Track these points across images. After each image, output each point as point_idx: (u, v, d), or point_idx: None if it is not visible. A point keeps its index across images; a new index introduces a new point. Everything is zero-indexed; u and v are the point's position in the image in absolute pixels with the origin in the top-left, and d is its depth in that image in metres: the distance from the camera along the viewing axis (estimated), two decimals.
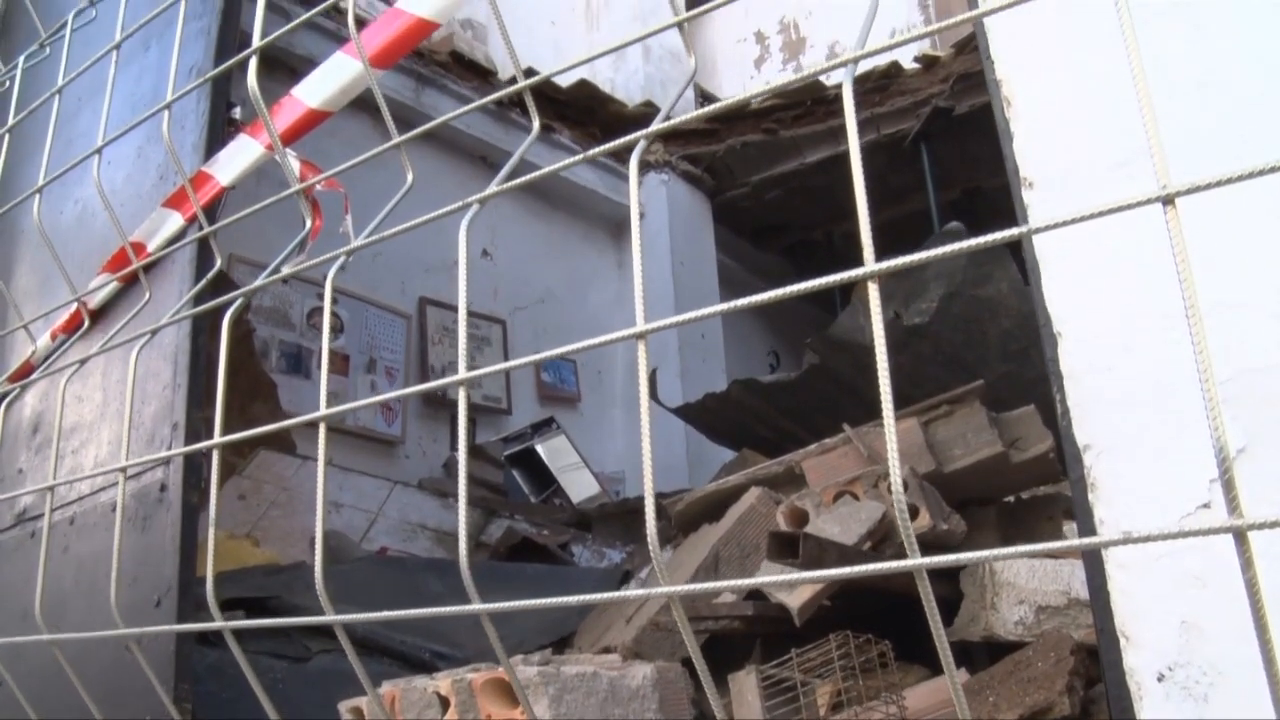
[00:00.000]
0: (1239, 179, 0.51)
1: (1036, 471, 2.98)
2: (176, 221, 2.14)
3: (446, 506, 4.99)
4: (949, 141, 6.84)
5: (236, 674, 0.97)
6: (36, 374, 2.22)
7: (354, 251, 0.98)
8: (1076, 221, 0.57)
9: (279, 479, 4.46)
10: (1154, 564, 1.08)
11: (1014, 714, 1.95)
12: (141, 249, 2.15)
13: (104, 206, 1.50)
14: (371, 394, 5.66)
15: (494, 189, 0.90)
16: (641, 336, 0.72)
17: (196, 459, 2.02)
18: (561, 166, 0.93)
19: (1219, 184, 0.53)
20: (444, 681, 2.00)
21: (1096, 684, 2.03)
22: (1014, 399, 3.05)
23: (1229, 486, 0.51)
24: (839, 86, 0.69)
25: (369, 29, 1.76)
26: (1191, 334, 0.52)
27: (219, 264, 1.33)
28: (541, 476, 5.94)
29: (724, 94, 9.00)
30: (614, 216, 7.63)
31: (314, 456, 4.28)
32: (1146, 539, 0.54)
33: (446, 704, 1.98)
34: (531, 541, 4.66)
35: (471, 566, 0.80)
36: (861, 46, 0.71)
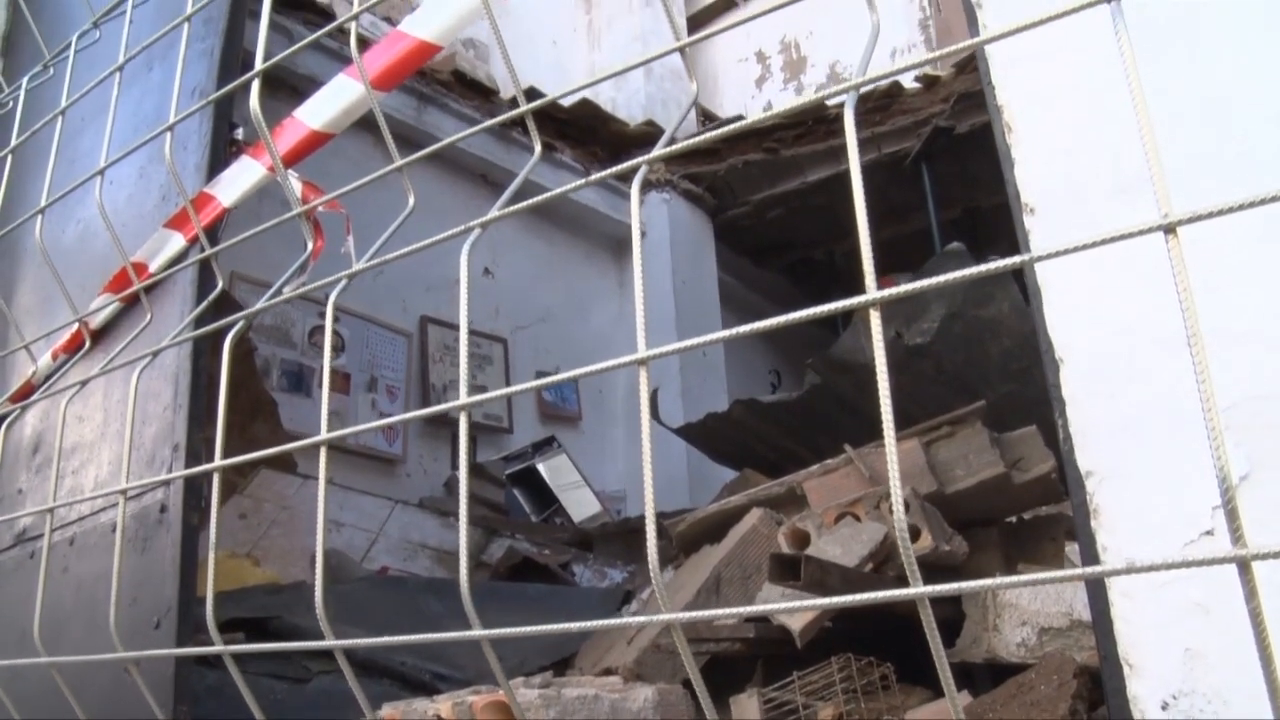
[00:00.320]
0: (1241, 208, 0.51)
1: (1038, 492, 2.97)
2: (178, 242, 2.15)
3: (447, 526, 4.98)
4: (950, 161, 6.85)
5: (236, 695, 0.96)
6: (37, 395, 2.22)
7: (356, 275, 0.98)
8: (1078, 250, 0.57)
9: (280, 498, 4.45)
10: (1157, 591, 1.08)
11: None
12: (143, 269, 2.15)
13: (106, 227, 1.51)
14: (372, 412, 5.68)
15: (495, 213, 0.90)
16: (643, 363, 0.73)
17: (197, 480, 2.02)
18: (565, 191, 0.93)
19: (1221, 213, 0.53)
20: (444, 704, 1.99)
21: (1099, 707, 2.02)
22: (1015, 419, 3.04)
23: (1232, 516, 0.51)
24: (840, 106, 0.69)
25: (371, 51, 1.76)
26: (1194, 361, 0.52)
27: (220, 285, 1.33)
28: (542, 495, 5.94)
29: (725, 113, 9.03)
30: (615, 235, 7.65)
31: (315, 475, 4.27)
32: (1149, 569, 0.54)
33: None
34: (532, 561, 4.65)
35: (472, 587, 0.80)
36: (863, 73, 0.71)
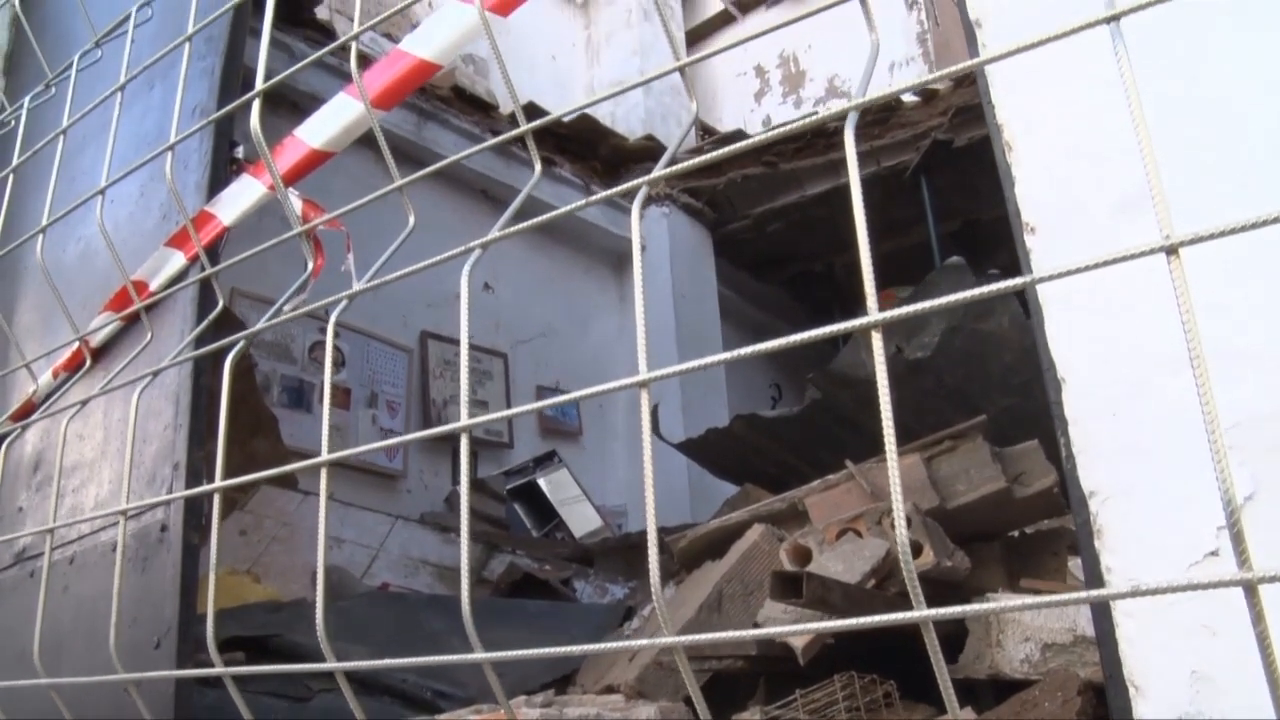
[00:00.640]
0: (1243, 229, 0.51)
1: (1040, 507, 2.96)
2: (179, 261, 2.15)
3: (448, 542, 4.97)
4: (949, 173, 6.86)
5: (237, 715, 0.96)
6: (37, 414, 2.21)
7: (356, 296, 0.98)
8: (1079, 271, 0.57)
9: (280, 514, 4.44)
10: (1162, 612, 1.07)
11: None
12: (144, 288, 2.15)
13: (107, 245, 1.51)
14: (373, 427, 5.67)
15: (496, 234, 0.90)
16: (644, 385, 0.73)
17: (197, 499, 2.01)
18: (566, 211, 0.94)
19: (1223, 234, 0.52)
20: None
21: None
22: (1017, 433, 3.04)
23: (1238, 539, 0.50)
24: (839, 119, 0.69)
25: (372, 70, 1.77)
26: (1197, 380, 0.52)
27: (221, 304, 1.33)
28: (543, 510, 5.92)
29: (724, 127, 9.04)
30: (615, 250, 7.65)
31: (315, 491, 4.24)
32: (1154, 592, 0.53)
33: None
34: (534, 577, 4.63)
35: (472, 604, 0.80)
36: (863, 93, 0.71)
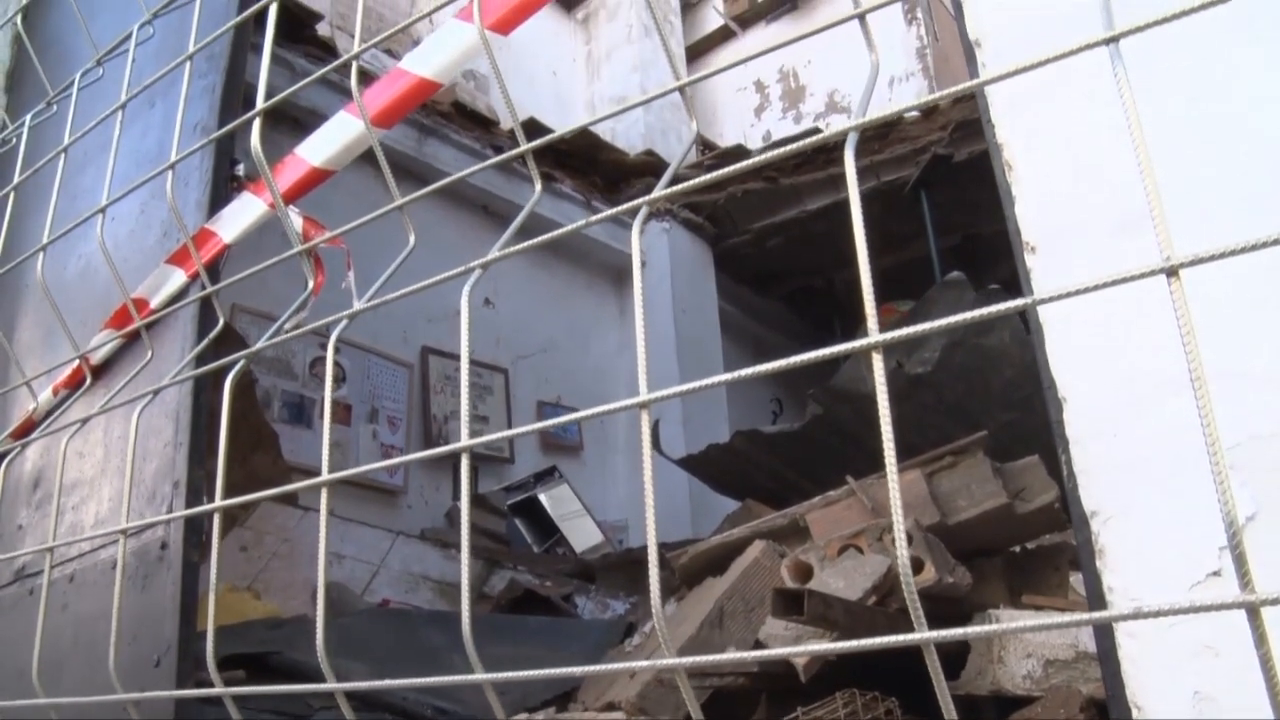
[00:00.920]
0: (1243, 250, 0.51)
1: (1042, 522, 2.96)
2: (179, 278, 2.15)
3: (449, 557, 4.96)
4: (948, 188, 6.87)
5: None
6: (37, 432, 2.21)
7: (357, 315, 0.98)
8: (1080, 293, 0.57)
9: (281, 530, 4.43)
10: (1165, 633, 1.06)
11: None
12: (144, 305, 2.15)
13: (107, 263, 1.51)
14: (373, 443, 5.67)
15: (496, 254, 0.90)
16: (645, 406, 0.73)
17: (197, 517, 2.01)
18: (568, 231, 0.94)
19: (1223, 255, 0.52)
20: None
21: None
22: (1018, 448, 3.03)
23: (1240, 561, 0.50)
24: (839, 139, 0.69)
25: (373, 88, 1.77)
26: (1197, 400, 0.52)
27: (221, 323, 1.33)
28: (544, 526, 5.91)
29: (725, 142, 9.07)
30: (616, 265, 7.65)
31: (316, 508, 4.22)
32: (1156, 614, 0.53)
33: None
34: (534, 593, 4.62)
35: (473, 620, 0.80)
36: (863, 113, 0.71)
